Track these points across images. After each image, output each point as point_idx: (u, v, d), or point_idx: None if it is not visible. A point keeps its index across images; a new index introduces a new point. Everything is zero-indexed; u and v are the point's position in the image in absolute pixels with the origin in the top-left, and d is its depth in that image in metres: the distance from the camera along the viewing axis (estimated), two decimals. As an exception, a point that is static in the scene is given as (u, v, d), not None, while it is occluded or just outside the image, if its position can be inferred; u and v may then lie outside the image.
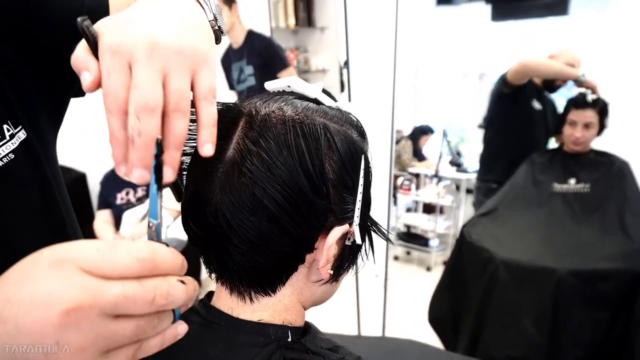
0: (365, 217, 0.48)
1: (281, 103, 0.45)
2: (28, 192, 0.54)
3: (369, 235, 0.50)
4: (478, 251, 1.82)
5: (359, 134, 0.48)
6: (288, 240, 0.43)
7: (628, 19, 2.89)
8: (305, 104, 0.46)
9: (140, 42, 0.35)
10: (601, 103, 1.93)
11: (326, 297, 0.52)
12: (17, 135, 0.52)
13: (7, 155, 0.50)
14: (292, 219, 0.42)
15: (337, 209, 0.44)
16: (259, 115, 0.43)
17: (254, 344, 0.45)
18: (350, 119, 0.48)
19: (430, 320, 2.08)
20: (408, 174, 4.01)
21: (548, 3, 3.79)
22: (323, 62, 3.92)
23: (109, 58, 0.35)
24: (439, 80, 4.73)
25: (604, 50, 3.23)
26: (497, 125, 2.39)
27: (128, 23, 0.36)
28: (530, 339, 1.63)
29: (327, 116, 0.45)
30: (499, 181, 2.29)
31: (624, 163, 1.95)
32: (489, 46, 4.24)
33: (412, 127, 4.48)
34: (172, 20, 0.38)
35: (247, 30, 2.58)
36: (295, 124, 0.42)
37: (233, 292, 0.47)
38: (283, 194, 0.41)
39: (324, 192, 0.43)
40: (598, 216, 1.83)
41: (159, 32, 0.36)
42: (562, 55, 2.22)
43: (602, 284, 1.60)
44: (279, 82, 0.49)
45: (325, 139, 0.43)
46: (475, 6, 4.15)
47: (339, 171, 0.44)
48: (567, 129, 1.99)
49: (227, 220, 0.42)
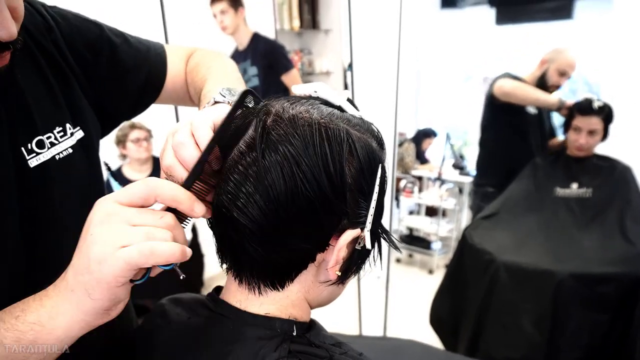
0: (376, 223, 0.49)
1: (308, 106, 0.47)
2: (81, 183, 0.64)
3: (378, 242, 0.52)
4: (479, 254, 1.83)
5: (378, 144, 0.50)
6: (303, 237, 0.45)
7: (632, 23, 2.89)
8: (330, 110, 0.48)
9: None
10: (607, 110, 1.92)
11: (332, 299, 0.54)
12: (76, 133, 0.63)
13: (67, 149, 0.61)
14: (310, 216, 0.43)
15: (351, 213, 0.46)
16: (286, 114, 0.45)
17: (261, 337, 0.47)
18: (372, 129, 0.50)
19: (432, 322, 2.09)
20: (411, 176, 4.02)
21: (552, 7, 3.80)
22: (327, 65, 3.93)
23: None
24: (442, 83, 4.74)
25: (608, 54, 3.23)
26: (491, 129, 2.38)
27: None
28: (530, 340, 1.64)
29: (350, 123, 0.47)
30: (494, 185, 2.29)
31: (626, 168, 1.96)
32: (493, 50, 4.24)
33: (415, 130, 4.48)
34: None
35: (253, 33, 2.60)
36: (321, 127, 0.44)
37: (242, 283, 0.49)
38: (305, 192, 0.42)
39: (342, 194, 0.44)
40: (599, 221, 1.84)
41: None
42: (554, 60, 2.19)
43: (603, 287, 1.60)
44: (306, 87, 0.51)
45: (347, 145, 0.45)
46: (479, 10, 4.15)
47: (357, 176, 0.46)
48: (571, 135, 1.99)
49: (246, 214, 0.43)
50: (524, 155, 2.21)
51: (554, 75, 2.18)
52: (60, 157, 0.59)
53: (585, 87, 3.96)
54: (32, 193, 0.56)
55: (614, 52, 3.00)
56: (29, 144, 0.56)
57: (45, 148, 0.58)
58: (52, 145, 0.59)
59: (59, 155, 0.59)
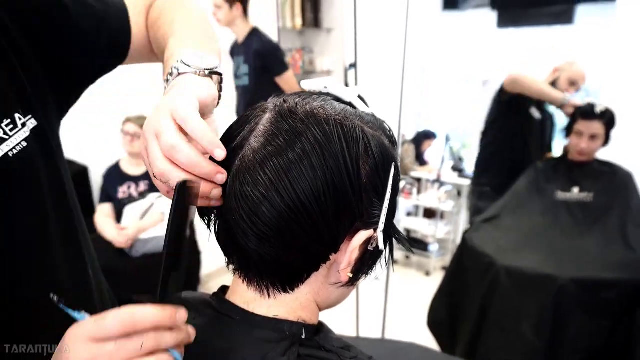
0: (389, 224, 0.48)
1: (321, 102, 0.45)
2: (40, 180, 0.56)
3: (390, 243, 0.50)
4: (479, 257, 1.82)
5: (390, 142, 0.48)
6: (316, 237, 0.43)
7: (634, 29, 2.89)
8: (344, 107, 0.46)
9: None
10: (609, 115, 1.92)
11: (340, 300, 0.52)
12: (28, 123, 0.54)
13: (20, 144, 0.53)
14: (327, 217, 0.42)
15: (365, 213, 0.45)
16: (301, 110, 0.43)
17: (269, 339, 0.45)
18: (384, 126, 0.49)
19: (429, 325, 2.08)
20: (410, 178, 4.01)
21: (554, 11, 3.80)
22: (328, 64, 3.92)
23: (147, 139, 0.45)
24: (442, 85, 4.74)
25: (609, 59, 3.23)
26: (494, 129, 2.41)
27: None
28: (529, 345, 1.63)
29: (363, 120, 0.46)
30: (492, 185, 2.32)
31: (627, 174, 1.96)
32: (494, 53, 4.24)
33: (415, 132, 4.48)
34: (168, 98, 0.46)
35: (252, 27, 2.58)
36: (337, 124, 0.43)
37: (251, 285, 0.47)
38: (320, 191, 0.41)
39: (359, 194, 0.43)
40: (600, 226, 1.83)
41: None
42: (564, 70, 2.25)
43: (604, 292, 1.60)
44: (316, 82, 0.50)
45: (363, 143, 0.43)
46: (481, 12, 4.15)
47: (372, 176, 0.44)
48: (573, 139, 1.99)
49: (259, 215, 0.42)
50: (524, 157, 2.23)
51: (564, 84, 2.24)
52: (13, 154, 0.52)
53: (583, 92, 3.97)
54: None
55: (615, 58, 3.00)
56: None
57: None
58: (1, 142, 0.51)
59: (11, 152, 0.52)
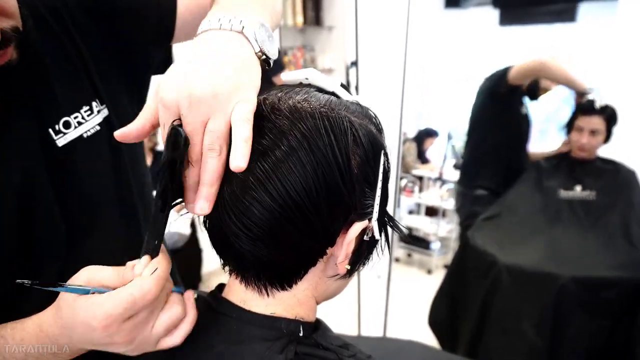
0: (382, 212, 0.47)
1: (304, 95, 0.44)
2: (105, 161, 0.65)
3: (385, 231, 0.49)
4: (481, 255, 1.81)
5: (377, 129, 0.47)
6: (311, 234, 0.42)
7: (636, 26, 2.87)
8: (328, 97, 0.45)
9: (181, 96, 0.41)
10: (609, 110, 1.91)
11: (338, 291, 0.52)
12: (102, 111, 0.64)
13: (94, 127, 0.63)
14: (321, 212, 0.41)
15: (358, 205, 0.44)
16: (285, 105, 0.42)
17: (266, 338, 0.45)
18: (369, 113, 0.48)
19: (430, 324, 2.07)
20: (411, 176, 4.00)
21: (556, 9, 3.79)
22: (329, 62, 3.91)
23: (163, 112, 0.42)
24: (444, 83, 4.73)
25: (612, 57, 3.22)
26: (487, 126, 2.23)
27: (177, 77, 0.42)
28: (530, 344, 1.62)
29: (349, 110, 0.45)
30: (488, 187, 2.19)
31: (630, 172, 1.94)
32: (495, 51, 4.23)
33: (417, 130, 4.47)
34: (209, 70, 0.42)
35: None
36: (323, 117, 0.42)
37: (249, 285, 0.47)
38: (312, 187, 0.40)
39: (352, 186, 0.42)
40: (603, 224, 1.82)
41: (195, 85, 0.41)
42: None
43: (605, 292, 1.59)
44: (297, 74, 0.48)
45: (351, 134, 0.42)
46: (483, 10, 4.14)
47: (362, 166, 0.43)
48: (573, 135, 1.98)
49: (251, 218, 0.41)
50: (520, 155, 2.16)
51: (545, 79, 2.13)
52: (88, 135, 0.62)
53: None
54: (61, 172, 0.59)
55: (618, 55, 2.98)
56: (56, 125, 0.59)
57: (72, 127, 0.60)
58: (79, 125, 0.61)
59: (86, 133, 0.62)
